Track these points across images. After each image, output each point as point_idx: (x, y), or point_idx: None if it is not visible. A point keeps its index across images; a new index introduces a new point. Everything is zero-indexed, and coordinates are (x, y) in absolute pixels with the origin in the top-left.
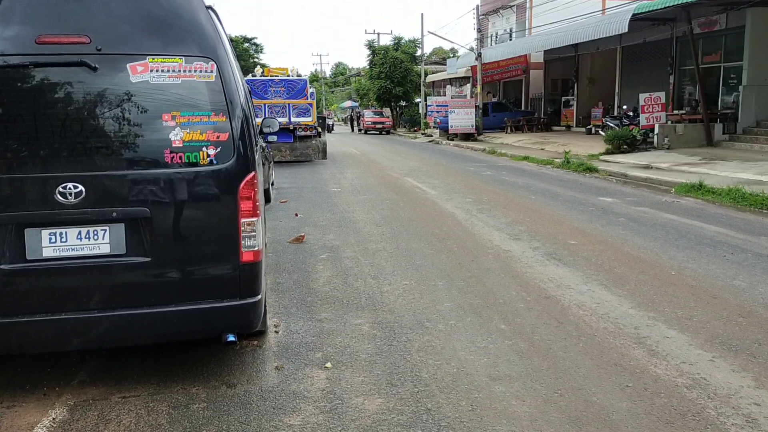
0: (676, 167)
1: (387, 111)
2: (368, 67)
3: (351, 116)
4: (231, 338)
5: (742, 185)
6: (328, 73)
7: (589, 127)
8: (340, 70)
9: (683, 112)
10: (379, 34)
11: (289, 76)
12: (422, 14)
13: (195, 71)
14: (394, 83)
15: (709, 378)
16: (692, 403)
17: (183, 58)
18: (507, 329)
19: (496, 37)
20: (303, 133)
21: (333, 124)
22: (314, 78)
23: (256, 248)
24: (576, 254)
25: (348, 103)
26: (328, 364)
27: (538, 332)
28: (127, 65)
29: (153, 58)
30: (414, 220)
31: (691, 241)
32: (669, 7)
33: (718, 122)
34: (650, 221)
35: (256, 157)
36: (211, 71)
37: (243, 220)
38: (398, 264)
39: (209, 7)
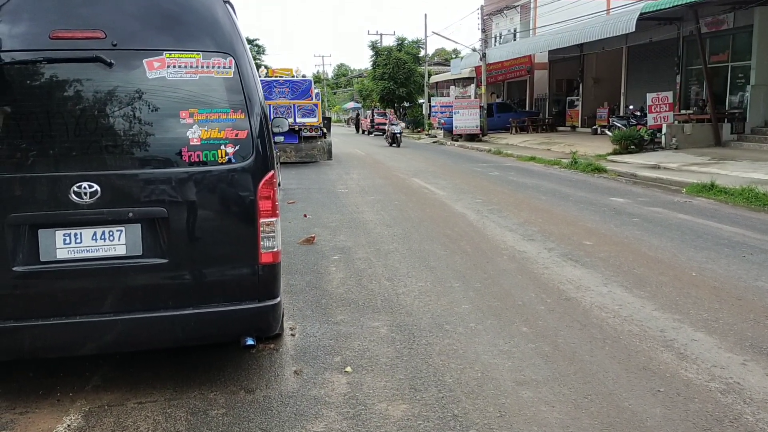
0: (685, 167)
1: (390, 112)
2: (371, 68)
3: (357, 117)
4: (250, 341)
5: (754, 185)
6: (330, 75)
7: (594, 127)
8: (342, 71)
9: (690, 111)
10: (382, 35)
11: (293, 76)
12: (425, 15)
13: (213, 67)
14: (398, 84)
15: (742, 382)
16: (728, 408)
17: (201, 53)
18: (529, 332)
19: (500, 37)
20: (308, 134)
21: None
22: (317, 79)
23: (275, 249)
24: (593, 255)
25: (351, 104)
26: (348, 368)
27: (561, 335)
28: (144, 61)
29: (170, 54)
30: (424, 220)
31: (709, 242)
32: (676, 6)
33: (726, 122)
34: (665, 222)
35: (275, 155)
36: (230, 67)
37: (262, 220)
38: (412, 265)
39: (226, 1)
